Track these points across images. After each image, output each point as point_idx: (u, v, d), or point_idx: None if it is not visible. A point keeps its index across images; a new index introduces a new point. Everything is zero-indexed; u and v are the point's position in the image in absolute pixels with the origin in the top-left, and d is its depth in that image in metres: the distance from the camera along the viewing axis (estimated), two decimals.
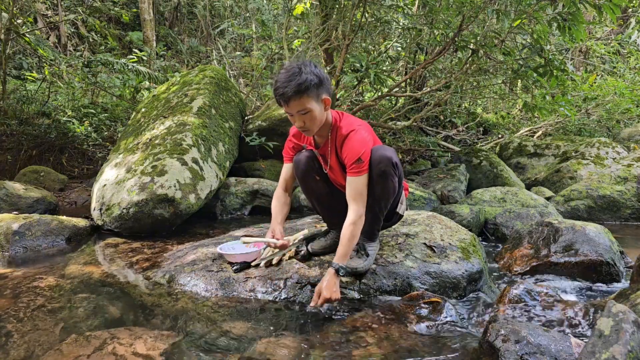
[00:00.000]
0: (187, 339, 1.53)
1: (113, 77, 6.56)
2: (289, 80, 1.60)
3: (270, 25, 6.01)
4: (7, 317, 1.70)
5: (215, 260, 2.15)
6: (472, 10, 4.21)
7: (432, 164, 6.53)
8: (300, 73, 1.61)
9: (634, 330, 1.07)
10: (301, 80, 1.59)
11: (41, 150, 5.13)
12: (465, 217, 3.22)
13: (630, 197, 4.02)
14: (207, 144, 3.54)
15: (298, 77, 1.60)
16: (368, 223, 1.87)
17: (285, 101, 1.63)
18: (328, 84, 1.70)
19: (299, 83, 1.59)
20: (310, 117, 1.67)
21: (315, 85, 1.63)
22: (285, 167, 2.05)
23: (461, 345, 1.47)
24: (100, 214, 3.04)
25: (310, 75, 1.61)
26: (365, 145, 1.73)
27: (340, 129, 1.78)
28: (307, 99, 1.63)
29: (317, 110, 1.67)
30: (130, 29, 10.03)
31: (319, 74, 1.65)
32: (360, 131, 1.76)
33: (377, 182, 1.75)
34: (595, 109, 7.74)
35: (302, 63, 1.65)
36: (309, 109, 1.65)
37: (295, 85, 1.59)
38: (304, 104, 1.63)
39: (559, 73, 4.13)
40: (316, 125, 1.72)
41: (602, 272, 2.22)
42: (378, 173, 1.74)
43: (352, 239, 1.72)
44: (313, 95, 1.64)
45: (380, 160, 1.72)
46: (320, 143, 1.89)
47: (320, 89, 1.66)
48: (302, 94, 1.61)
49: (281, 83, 1.62)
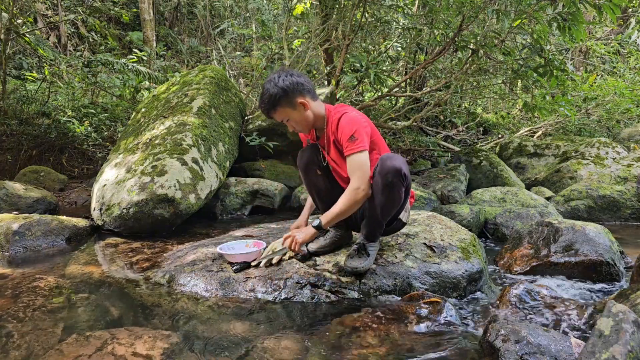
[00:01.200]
0: (187, 339, 1.53)
1: (113, 77, 6.56)
2: (261, 101, 1.82)
3: (270, 25, 6.01)
4: (7, 317, 1.70)
5: (215, 260, 2.15)
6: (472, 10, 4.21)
7: (432, 164, 6.53)
8: (267, 91, 1.79)
9: (634, 330, 1.07)
10: (267, 98, 1.79)
11: (41, 150, 5.13)
12: (465, 217, 3.22)
13: (630, 197, 4.02)
14: (207, 144, 3.54)
15: (265, 95, 1.79)
16: (370, 226, 1.89)
17: (267, 116, 1.86)
18: (299, 88, 1.81)
19: (267, 102, 1.79)
20: (294, 122, 1.86)
21: (281, 97, 1.78)
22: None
23: (461, 345, 1.47)
24: (100, 214, 3.04)
25: (274, 90, 1.78)
26: (356, 123, 1.79)
27: (332, 117, 1.88)
28: (281, 110, 1.82)
29: (295, 115, 1.83)
30: (130, 29, 10.02)
31: (284, 85, 1.78)
32: (349, 113, 1.84)
33: (383, 192, 1.76)
34: (595, 109, 7.74)
35: (269, 79, 1.82)
36: (286, 117, 1.84)
37: (265, 105, 1.80)
38: (280, 115, 1.83)
39: (559, 73, 4.13)
40: (302, 125, 1.88)
41: (602, 272, 2.22)
42: (385, 183, 1.75)
43: (343, 207, 1.77)
44: (284, 104, 1.80)
45: (388, 171, 1.74)
46: (319, 136, 2.00)
47: (290, 97, 1.80)
48: (275, 108, 1.81)
49: (259, 104, 1.85)
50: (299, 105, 1.82)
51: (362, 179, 1.75)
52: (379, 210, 1.81)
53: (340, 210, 1.78)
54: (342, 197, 1.78)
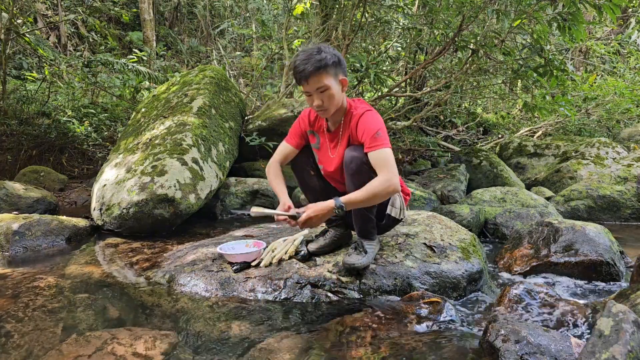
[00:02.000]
0: (187, 339, 1.53)
1: (113, 77, 6.56)
2: (308, 58, 1.65)
3: (270, 25, 6.01)
4: (7, 317, 1.70)
5: (215, 260, 2.15)
6: (472, 10, 4.21)
7: (432, 164, 6.53)
8: (319, 52, 1.67)
9: (634, 330, 1.07)
10: (321, 57, 1.65)
11: (41, 150, 5.13)
12: (465, 217, 3.22)
13: (630, 197, 4.02)
14: (207, 144, 3.54)
15: (317, 55, 1.66)
16: (360, 222, 1.89)
17: (305, 77, 1.67)
18: (345, 65, 1.76)
19: (319, 60, 1.65)
20: (329, 95, 1.71)
21: (334, 63, 1.69)
22: (286, 146, 2.03)
23: (461, 345, 1.47)
24: (100, 214, 3.04)
25: (329, 55, 1.68)
26: (380, 121, 1.77)
27: (355, 110, 1.82)
28: (326, 76, 1.67)
29: (335, 88, 1.71)
30: (130, 29, 10.02)
31: (337, 54, 1.72)
32: (374, 111, 1.81)
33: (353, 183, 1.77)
34: (595, 109, 7.74)
35: (321, 45, 1.72)
36: (327, 86, 1.68)
37: (315, 62, 1.64)
38: (322, 80, 1.67)
39: (559, 73, 4.13)
40: (334, 104, 1.75)
41: (602, 272, 2.22)
42: (350, 173, 1.77)
43: (370, 193, 1.65)
44: (332, 73, 1.69)
45: (351, 160, 1.75)
46: (332, 128, 1.91)
47: (339, 69, 1.72)
48: (322, 70, 1.66)
49: (300, 61, 1.67)
50: (340, 82, 1.74)
51: (393, 173, 1.68)
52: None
53: (366, 197, 1.65)
54: (371, 185, 1.65)
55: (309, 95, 1.74)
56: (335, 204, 1.66)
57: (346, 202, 1.66)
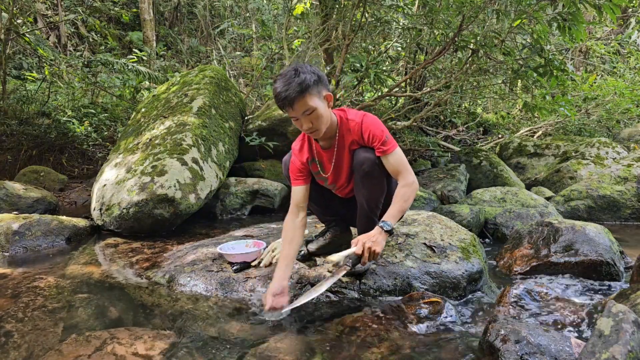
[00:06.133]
0: (187, 339, 1.53)
1: (113, 77, 6.56)
2: (288, 83, 1.60)
3: (270, 25, 6.01)
4: (7, 317, 1.70)
5: (215, 260, 2.15)
6: (472, 10, 4.21)
7: (432, 164, 6.53)
8: (297, 74, 1.61)
9: (634, 330, 1.07)
10: (300, 79, 1.60)
11: (41, 150, 5.13)
12: (465, 217, 3.22)
13: (630, 197, 4.01)
14: (207, 144, 3.54)
15: (296, 77, 1.60)
16: (363, 224, 1.88)
17: (289, 104, 1.61)
18: (326, 80, 1.72)
19: (299, 83, 1.59)
20: (317, 116, 1.66)
21: (315, 82, 1.63)
22: (296, 189, 1.93)
23: (461, 345, 1.47)
24: (100, 214, 3.04)
25: (308, 75, 1.62)
26: (380, 124, 1.77)
27: (349, 122, 1.79)
28: (310, 98, 1.62)
29: (321, 107, 1.67)
30: (130, 29, 10.02)
31: (316, 71, 1.67)
32: (369, 114, 1.80)
33: (363, 184, 1.77)
34: (595, 109, 7.74)
35: (297, 65, 1.66)
36: (313, 107, 1.64)
37: (295, 86, 1.59)
38: (307, 103, 1.62)
39: (559, 73, 4.13)
40: (323, 124, 1.70)
41: (602, 272, 2.22)
42: (361, 174, 1.76)
43: (403, 199, 1.71)
44: (314, 93, 1.64)
45: (363, 162, 1.75)
46: (326, 146, 1.85)
47: (320, 86, 1.67)
48: (305, 93, 1.61)
49: (281, 88, 1.61)
50: (324, 99, 1.69)
51: (411, 172, 1.75)
52: (365, 203, 1.82)
53: (403, 208, 1.72)
54: (401, 194, 1.72)
55: (296, 120, 1.69)
56: (384, 228, 1.67)
57: (391, 221, 1.69)
